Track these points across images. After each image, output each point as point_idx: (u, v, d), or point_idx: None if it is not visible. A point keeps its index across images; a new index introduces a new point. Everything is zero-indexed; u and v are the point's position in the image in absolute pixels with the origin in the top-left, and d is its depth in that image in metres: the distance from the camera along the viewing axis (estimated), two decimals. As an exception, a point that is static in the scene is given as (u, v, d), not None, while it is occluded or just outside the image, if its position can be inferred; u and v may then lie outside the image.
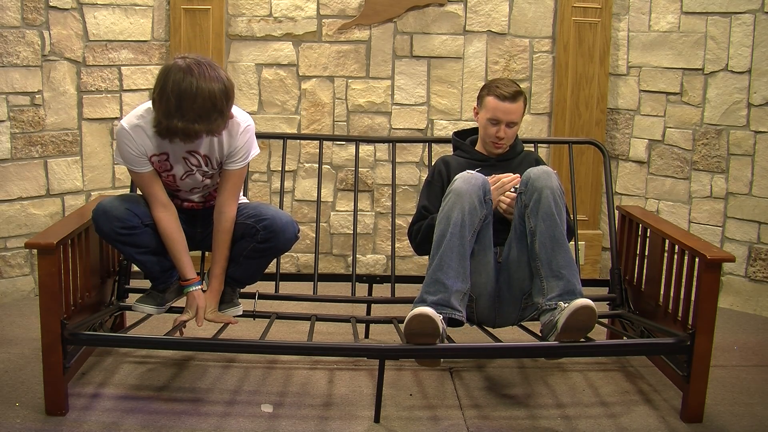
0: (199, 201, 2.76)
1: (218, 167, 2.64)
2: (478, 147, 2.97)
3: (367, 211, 4.08)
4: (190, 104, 2.34)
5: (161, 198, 2.61)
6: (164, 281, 2.72)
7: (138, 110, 2.54)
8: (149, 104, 2.52)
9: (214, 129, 2.44)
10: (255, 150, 2.66)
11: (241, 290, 2.85)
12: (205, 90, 2.34)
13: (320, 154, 3.26)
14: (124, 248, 2.61)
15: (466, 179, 2.60)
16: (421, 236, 2.84)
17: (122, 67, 3.78)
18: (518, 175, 2.72)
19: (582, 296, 2.51)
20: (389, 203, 3.93)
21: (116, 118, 3.78)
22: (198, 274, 2.74)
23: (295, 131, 4.00)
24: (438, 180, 2.91)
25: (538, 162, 2.97)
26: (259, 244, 2.63)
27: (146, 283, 2.80)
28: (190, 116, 2.35)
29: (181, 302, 2.78)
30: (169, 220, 2.62)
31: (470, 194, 2.56)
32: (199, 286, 2.68)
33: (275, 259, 2.92)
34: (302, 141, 3.98)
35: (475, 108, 2.94)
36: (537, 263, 2.56)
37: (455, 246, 2.53)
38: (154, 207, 2.60)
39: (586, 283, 2.59)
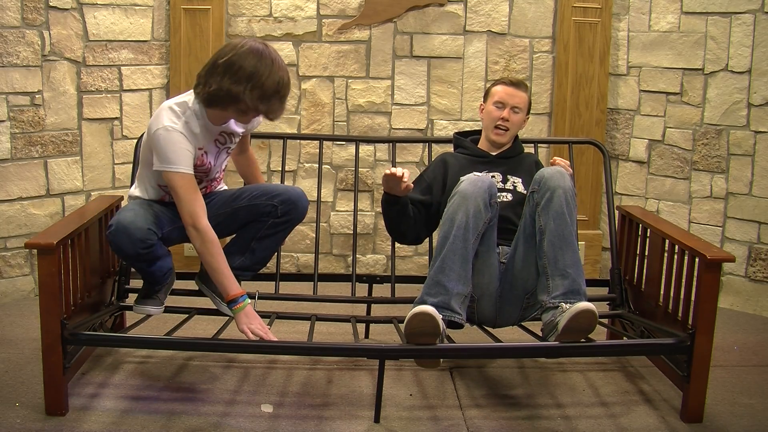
0: (203, 186, 2.75)
1: (236, 141, 2.71)
2: (480, 145, 2.99)
3: (367, 211, 4.08)
4: (261, 81, 2.39)
5: (202, 219, 2.47)
6: (161, 282, 2.72)
7: (169, 111, 2.47)
8: (175, 101, 2.51)
9: (270, 113, 2.49)
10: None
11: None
12: (276, 74, 2.42)
13: (320, 154, 3.26)
14: (139, 264, 2.60)
15: (473, 181, 2.58)
16: (383, 212, 2.84)
17: (122, 67, 3.77)
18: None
19: (585, 298, 2.51)
20: (389, 203, 3.93)
21: (116, 119, 3.78)
22: (197, 273, 2.74)
23: (295, 131, 4.00)
24: (429, 175, 2.95)
25: (538, 165, 2.99)
26: (278, 219, 2.66)
27: (146, 283, 2.80)
28: (256, 93, 2.40)
29: (179, 302, 2.78)
30: (216, 251, 2.48)
31: (476, 197, 2.54)
32: (249, 300, 2.55)
33: (274, 260, 2.92)
34: (302, 141, 3.98)
35: (481, 105, 3.01)
36: (544, 261, 2.55)
37: (458, 249, 2.51)
38: (198, 228, 2.45)
39: (586, 283, 2.59)
